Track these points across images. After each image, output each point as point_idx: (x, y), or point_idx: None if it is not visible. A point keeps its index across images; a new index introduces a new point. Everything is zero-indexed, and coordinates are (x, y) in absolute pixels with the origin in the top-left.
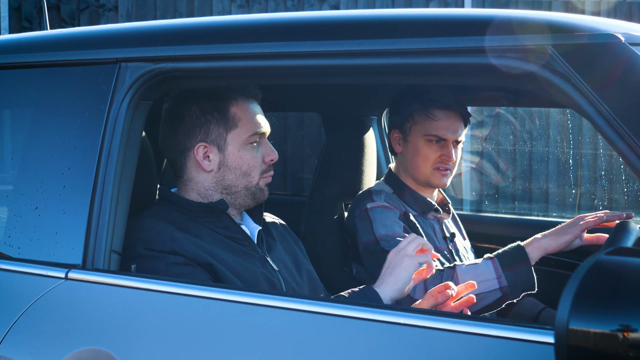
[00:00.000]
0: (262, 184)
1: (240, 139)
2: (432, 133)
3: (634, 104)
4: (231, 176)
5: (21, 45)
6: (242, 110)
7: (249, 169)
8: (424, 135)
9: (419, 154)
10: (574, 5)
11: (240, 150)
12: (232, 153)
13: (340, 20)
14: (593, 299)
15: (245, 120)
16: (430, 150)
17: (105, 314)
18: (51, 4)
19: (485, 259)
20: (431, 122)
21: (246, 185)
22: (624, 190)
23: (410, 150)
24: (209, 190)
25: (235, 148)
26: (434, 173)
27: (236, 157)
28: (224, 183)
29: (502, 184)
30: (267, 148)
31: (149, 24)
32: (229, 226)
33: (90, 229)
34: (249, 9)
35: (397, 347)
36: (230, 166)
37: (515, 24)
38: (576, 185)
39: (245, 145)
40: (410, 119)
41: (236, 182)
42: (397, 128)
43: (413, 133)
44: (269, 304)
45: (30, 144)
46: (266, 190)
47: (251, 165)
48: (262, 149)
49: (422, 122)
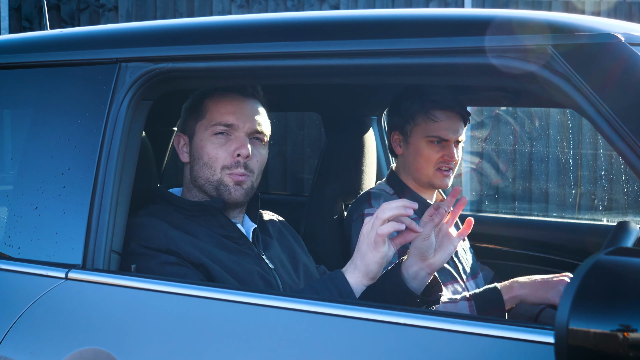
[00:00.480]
0: (228, 181)
1: (205, 128)
2: (434, 134)
3: (634, 104)
4: (196, 167)
5: (21, 45)
6: (214, 102)
7: (209, 160)
8: (425, 137)
9: (421, 155)
10: (574, 5)
11: (203, 140)
12: (196, 142)
13: (340, 20)
14: (593, 299)
15: (213, 111)
16: (432, 151)
17: (105, 314)
18: (51, 4)
19: (462, 299)
20: (432, 124)
21: (208, 178)
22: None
23: (412, 152)
24: (188, 182)
25: (199, 138)
26: (436, 174)
27: (199, 146)
28: (193, 174)
29: (502, 184)
30: (238, 142)
31: (149, 24)
32: (224, 225)
33: (90, 229)
34: (249, 9)
35: (397, 347)
36: (195, 156)
37: (515, 24)
38: (576, 185)
39: (209, 136)
40: (411, 120)
41: (200, 173)
42: (398, 130)
43: (414, 134)
44: (269, 304)
45: (30, 144)
46: (233, 190)
47: (211, 156)
48: (232, 143)
49: (423, 124)
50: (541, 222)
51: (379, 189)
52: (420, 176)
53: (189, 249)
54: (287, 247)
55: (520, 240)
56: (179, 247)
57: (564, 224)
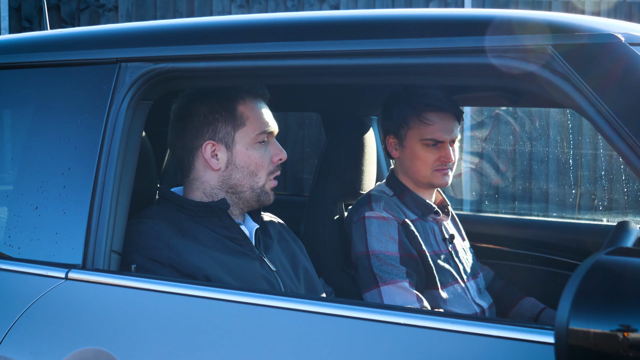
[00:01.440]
0: (268, 187)
1: (248, 137)
2: (428, 137)
3: (634, 104)
4: (238, 175)
5: (21, 45)
6: (250, 108)
7: (256, 168)
8: (420, 140)
9: (418, 158)
10: (574, 5)
11: (249, 149)
12: (240, 151)
13: (340, 20)
14: (593, 299)
15: (253, 118)
16: (428, 153)
17: (105, 314)
18: (51, 4)
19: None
20: (426, 127)
21: (252, 186)
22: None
23: (408, 155)
24: (214, 189)
25: (243, 147)
26: (435, 174)
27: (244, 155)
28: (230, 182)
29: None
30: (275, 147)
31: (149, 24)
32: (228, 226)
33: (90, 229)
34: (249, 9)
35: (397, 347)
36: (238, 165)
37: (515, 24)
38: (576, 185)
39: (253, 144)
40: (404, 124)
41: (242, 181)
42: (392, 133)
43: (409, 138)
44: (269, 304)
45: (30, 144)
46: (272, 195)
47: (259, 164)
48: (270, 149)
49: (417, 127)
50: (541, 222)
51: (378, 190)
52: (419, 178)
53: (191, 260)
54: (287, 249)
55: (520, 240)
56: (182, 257)
57: (564, 224)
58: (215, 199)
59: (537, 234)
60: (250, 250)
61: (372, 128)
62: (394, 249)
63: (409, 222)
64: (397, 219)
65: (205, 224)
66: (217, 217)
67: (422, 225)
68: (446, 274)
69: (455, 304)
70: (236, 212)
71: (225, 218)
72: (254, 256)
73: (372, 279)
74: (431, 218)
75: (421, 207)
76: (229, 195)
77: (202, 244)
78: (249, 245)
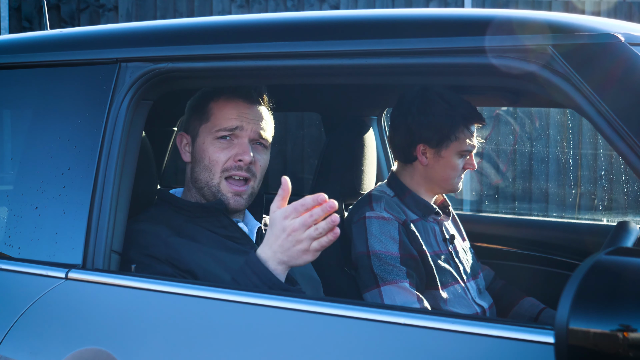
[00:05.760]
0: (225, 189)
1: (209, 132)
2: (468, 148)
3: (634, 104)
4: (197, 169)
5: (21, 45)
6: (219, 106)
7: (210, 163)
8: (459, 151)
9: (451, 168)
10: (574, 5)
11: (206, 143)
12: (199, 144)
13: (340, 20)
14: (593, 299)
15: (217, 115)
16: (459, 162)
17: (105, 314)
18: (51, 4)
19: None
20: (470, 138)
21: (207, 182)
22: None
23: (443, 164)
24: (188, 182)
25: (202, 140)
26: (457, 180)
27: (201, 148)
28: (193, 175)
29: (502, 184)
30: (240, 147)
31: (149, 24)
32: (226, 225)
33: (90, 229)
34: (249, 9)
35: (397, 347)
36: (196, 158)
37: (515, 24)
38: (576, 185)
39: (213, 140)
40: (452, 136)
41: (200, 175)
42: (428, 143)
43: (451, 149)
44: (269, 304)
45: (31, 144)
46: (232, 201)
47: (212, 159)
48: (235, 148)
49: (463, 139)
50: (541, 222)
51: (379, 190)
52: (444, 185)
53: (189, 257)
54: None
55: (520, 240)
56: (180, 254)
57: (564, 224)
58: (192, 193)
59: (537, 234)
60: (251, 248)
61: (372, 128)
62: (395, 249)
63: (409, 223)
64: (398, 219)
65: (203, 225)
66: (215, 217)
67: (422, 226)
68: (446, 274)
69: (455, 304)
70: (230, 210)
71: (222, 217)
72: None
73: (372, 279)
74: (432, 218)
75: (422, 208)
76: (197, 190)
77: (201, 243)
78: (249, 243)
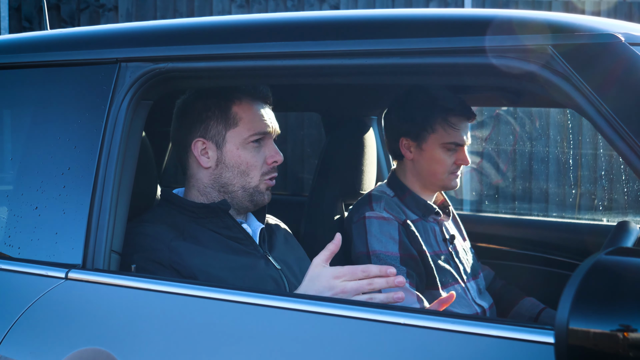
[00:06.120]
0: (263, 187)
1: (240, 137)
2: (451, 141)
3: (634, 104)
4: (228, 174)
5: (21, 45)
6: (244, 110)
7: (247, 168)
8: (442, 144)
9: (437, 161)
10: (574, 5)
11: (239, 149)
12: (229, 151)
13: (340, 20)
14: (593, 299)
15: (246, 119)
16: (446, 157)
17: (105, 314)
18: (51, 4)
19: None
20: (452, 131)
21: (243, 185)
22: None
23: (426, 158)
24: (207, 187)
25: (234, 146)
26: (449, 177)
27: (234, 155)
28: (221, 181)
29: (502, 184)
30: (271, 149)
31: (149, 24)
32: (230, 226)
33: (90, 229)
34: (249, 9)
35: (397, 347)
36: (227, 164)
37: (515, 24)
38: (576, 185)
39: (245, 145)
40: (429, 128)
41: (233, 180)
42: (409, 136)
43: (430, 141)
44: (269, 304)
45: (30, 144)
46: (267, 195)
47: (250, 164)
48: (265, 150)
49: (442, 131)
50: (541, 222)
51: (379, 190)
52: (434, 181)
53: (192, 262)
54: (293, 252)
55: (520, 240)
56: (183, 259)
57: (564, 224)
58: (209, 197)
59: (537, 234)
60: (254, 249)
61: (372, 128)
62: (394, 249)
63: (409, 223)
64: (398, 219)
65: (207, 225)
66: (219, 218)
67: (422, 226)
68: (446, 274)
69: (455, 304)
70: (236, 211)
71: (226, 218)
72: (258, 255)
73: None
74: (432, 218)
75: (422, 208)
76: (222, 194)
77: (204, 245)
78: (252, 244)
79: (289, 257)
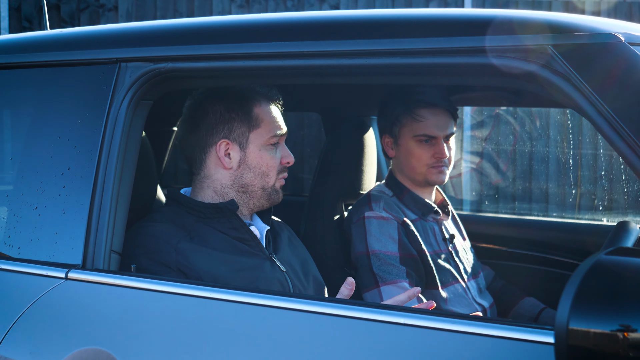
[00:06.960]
0: (278, 186)
1: (262, 139)
2: (421, 133)
3: (634, 104)
4: (249, 175)
5: (21, 45)
6: (265, 111)
7: (267, 169)
8: (413, 137)
9: (412, 156)
10: (574, 5)
11: (261, 150)
12: (252, 152)
13: (340, 20)
14: (593, 299)
15: (267, 121)
16: (422, 150)
17: (105, 314)
18: (51, 4)
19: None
20: (418, 123)
21: (263, 186)
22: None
23: (403, 153)
24: (225, 188)
25: (256, 147)
26: (430, 171)
27: (256, 156)
28: (242, 182)
29: (502, 184)
30: (284, 150)
31: (149, 24)
32: (237, 227)
33: (90, 229)
34: (249, 9)
35: (397, 347)
36: (250, 165)
37: (515, 24)
38: (576, 185)
39: (265, 146)
40: (397, 122)
41: (254, 181)
42: (387, 133)
43: (402, 136)
44: (269, 304)
45: (30, 144)
46: (281, 193)
47: (270, 165)
48: (280, 151)
49: (409, 124)
50: (541, 222)
51: (378, 190)
52: (415, 175)
53: (199, 264)
54: (297, 254)
55: (520, 240)
56: (189, 261)
57: (564, 224)
58: (226, 197)
59: (537, 234)
60: (260, 250)
61: (372, 128)
62: (394, 249)
63: (408, 222)
64: (397, 219)
65: (214, 226)
66: (226, 218)
67: (422, 225)
68: (446, 273)
69: (455, 304)
70: (245, 212)
71: (234, 219)
72: (263, 257)
73: (372, 279)
74: (431, 218)
75: (421, 207)
76: (240, 194)
77: (211, 246)
78: (258, 245)
79: (293, 259)
